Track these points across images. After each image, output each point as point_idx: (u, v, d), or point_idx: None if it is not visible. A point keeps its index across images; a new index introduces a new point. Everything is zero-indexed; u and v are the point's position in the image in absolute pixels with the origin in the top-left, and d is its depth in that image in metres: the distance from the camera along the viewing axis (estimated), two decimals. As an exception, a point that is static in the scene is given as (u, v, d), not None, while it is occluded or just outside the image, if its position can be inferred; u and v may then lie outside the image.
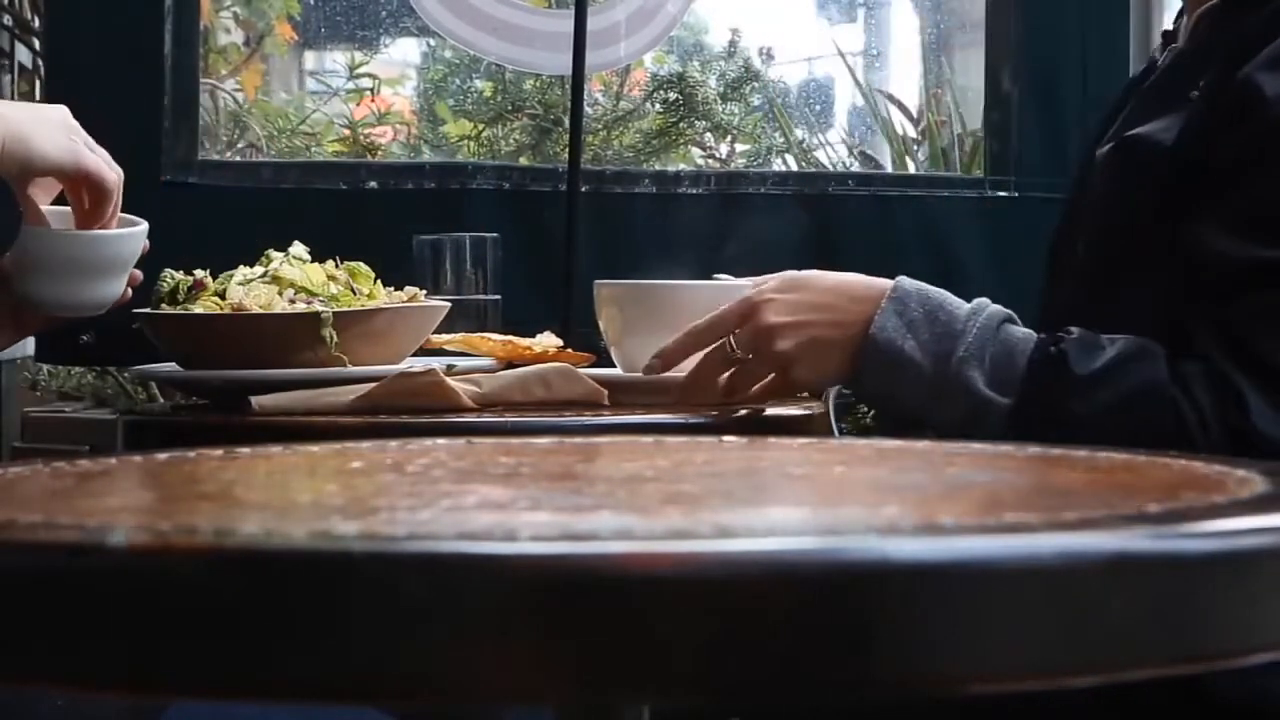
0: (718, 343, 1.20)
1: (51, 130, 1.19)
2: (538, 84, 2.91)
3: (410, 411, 1.24)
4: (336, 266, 1.39)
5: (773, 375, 1.20)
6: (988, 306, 1.12)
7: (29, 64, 3.09)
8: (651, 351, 1.25)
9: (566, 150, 2.24)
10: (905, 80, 3.34)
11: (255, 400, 1.24)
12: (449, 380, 1.25)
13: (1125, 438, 0.99)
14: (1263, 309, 1.04)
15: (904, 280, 1.14)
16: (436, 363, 1.33)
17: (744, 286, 1.27)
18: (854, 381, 1.17)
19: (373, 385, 1.25)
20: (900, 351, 1.10)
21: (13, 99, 3.17)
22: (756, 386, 1.22)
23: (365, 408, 1.24)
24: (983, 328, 1.10)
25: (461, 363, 1.38)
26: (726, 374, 1.21)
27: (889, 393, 1.14)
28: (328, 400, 1.25)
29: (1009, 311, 1.12)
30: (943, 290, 1.15)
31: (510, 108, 2.93)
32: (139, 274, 1.28)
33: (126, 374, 2.67)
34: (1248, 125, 1.05)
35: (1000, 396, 1.07)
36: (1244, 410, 1.02)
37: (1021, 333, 1.11)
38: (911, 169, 2.86)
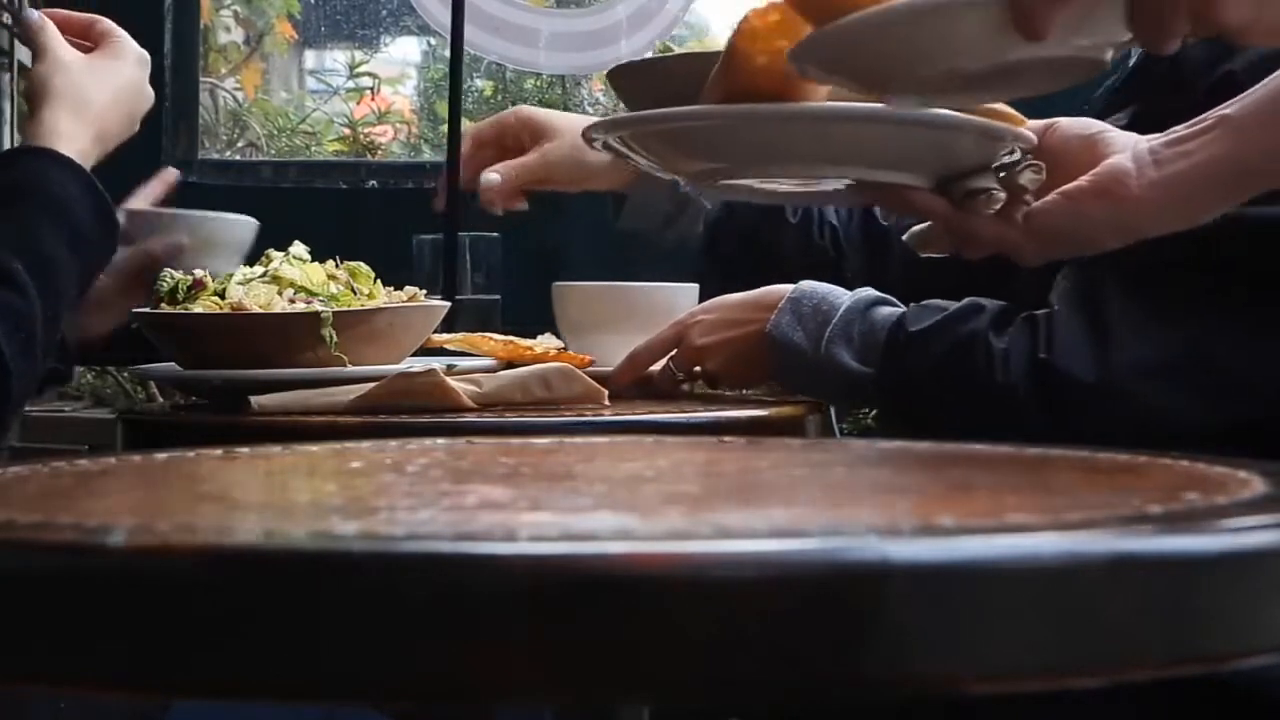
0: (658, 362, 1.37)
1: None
2: (538, 83, 2.91)
3: (410, 411, 1.24)
4: (336, 266, 1.39)
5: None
6: (862, 292, 1.24)
7: (29, 63, 3.08)
8: (605, 349, 1.41)
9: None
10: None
11: (255, 400, 1.24)
12: (449, 380, 1.25)
13: (950, 389, 1.13)
14: (1121, 274, 1.08)
15: (806, 283, 1.27)
16: (437, 363, 1.33)
17: (691, 288, 1.44)
18: (772, 378, 1.31)
19: (373, 385, 1.25)
20: (792, 344, 1.23)
21: (12, 98, 3.16)
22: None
23: (365, 407, 1.24)
24: (849, 309, 1.22)
25: (462, 363, 1.38)
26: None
27: (797, 383, 1.27)
28: (327, 400, 1.25)
29: (883, 295, 1.23)
30: (842, 289, 1.26)
31: (511, 106, 2.93)
32: None
33: (126, 374, 2.67)
34: None
35: (866, 368, 1.19)
36: (1050, 345, 1.09)
37: (890, 310, 1.21)
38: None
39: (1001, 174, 0.98)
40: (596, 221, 2.14)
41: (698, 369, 1.38)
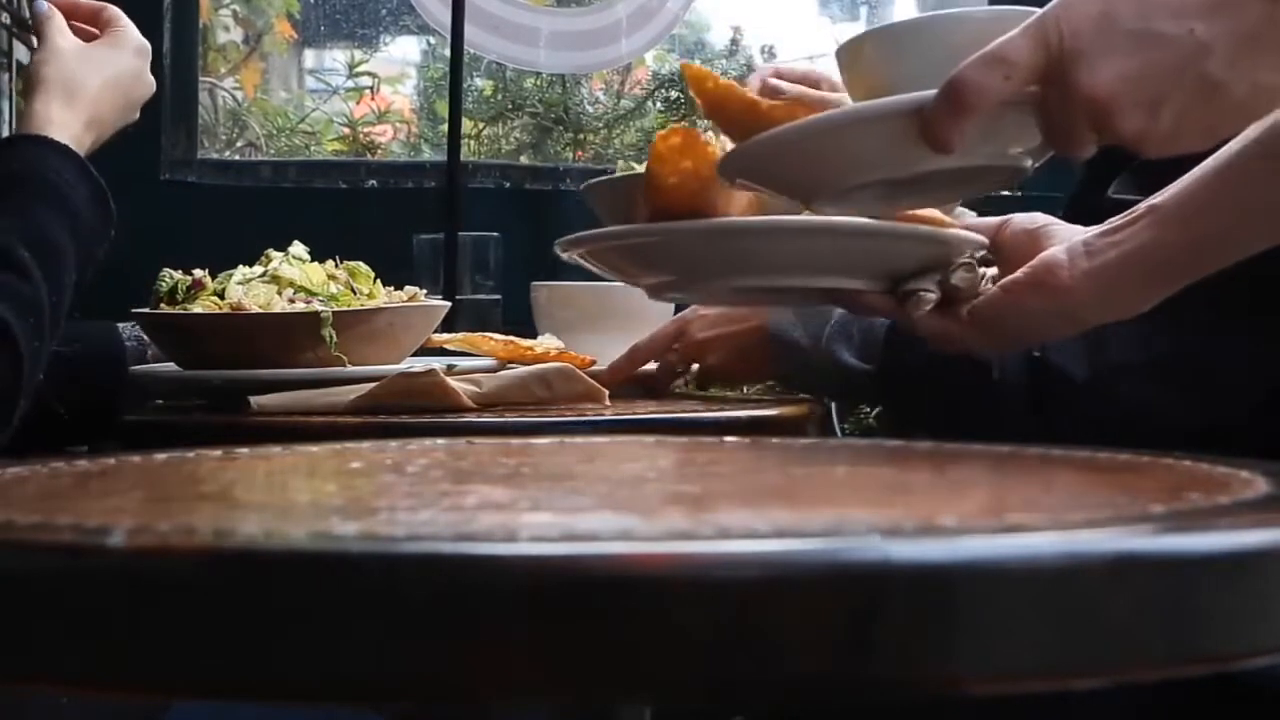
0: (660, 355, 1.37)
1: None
2: (538, 82, 2.91)
3: (410, 411, 1.24)
4: (336, 266, 1.39)
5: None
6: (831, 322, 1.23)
7: (28, 63, 3.08)
8: (583, 348, 1.42)
9: (569, 149, 2.23)
10: (906, 79, 3.33)
11: (254, 400, 1.24)
12: (449, 380, 1.25)
13: (947, 386, 1.13)
14: None
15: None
16: (437, 363, 1.33)
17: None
18: (772, 374, 1.33)
19: (373, 385, 1.25)
20: (792, 340, 1.24)
21: (11, 98, 3.16)
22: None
23: (365, 407, 1.24)
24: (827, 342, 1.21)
25: (462, 363, 1.38)
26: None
27: (796, 380, 1.29)
28: (327, 400, 1.25)
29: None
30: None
31: (511, 106, 2.93)
32: None
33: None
34: None
35: (865, 365, 1.19)
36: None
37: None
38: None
39: (938, 277, 0.97)
40: (596, 222, 2.15)
41: (696, 365, 1.39)
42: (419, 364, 1.32)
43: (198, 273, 1.37)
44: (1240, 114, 0.72)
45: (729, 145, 0.93)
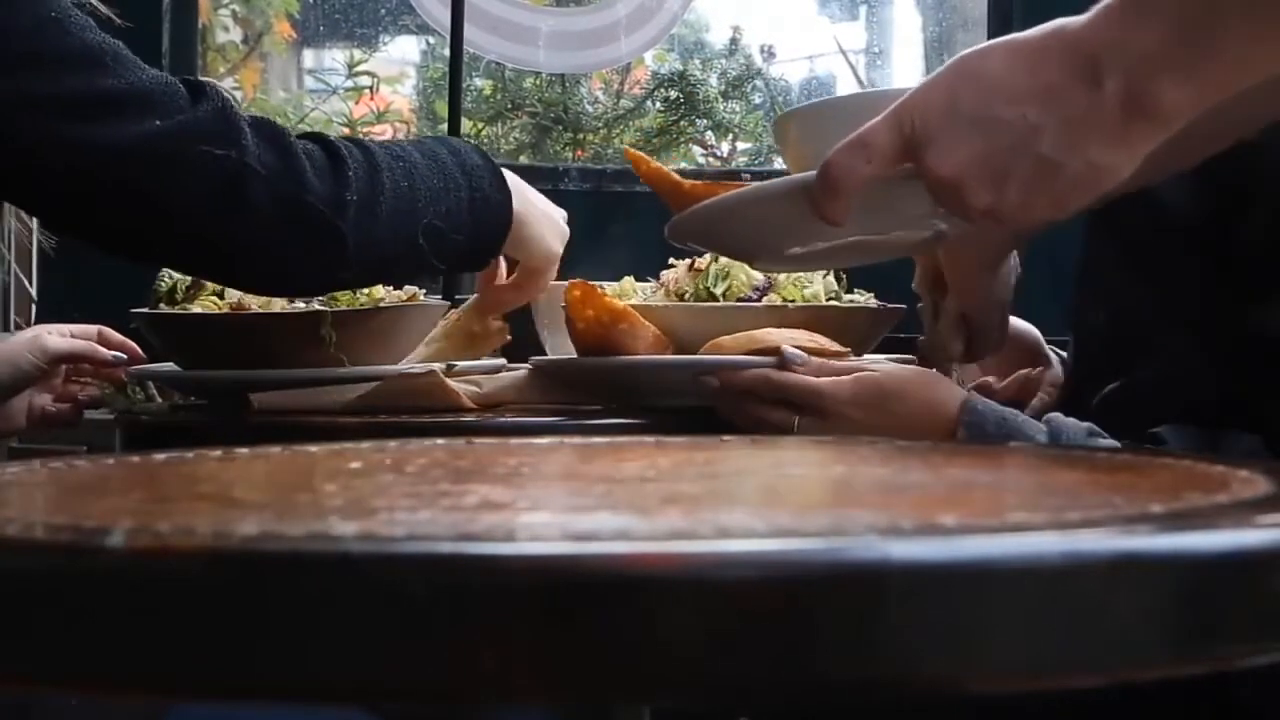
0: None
1: (551, 231, 1.33)
2: (538, 82, 2.91)
3: (410, 411, 1.24)
4: (335, 266, 1.39)
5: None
6: (1065, 424, 1.10)
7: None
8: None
9: (569, 148, 2.23)
10: (907, 78, 3.34)
11: (255, 398, 1.24)
12: (449, 381, 1.25)
13: None
14: None
15: (973, 399, 1.14)
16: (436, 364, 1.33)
17: None
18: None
19: (373, 385, 1.25)
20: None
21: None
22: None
23: (365, 407, 1.24)
24: (1070, 440, 1.06)
25: (462, 363, 1.38)
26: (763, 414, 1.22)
27: None
28: (328, 398, 1.25)
29: (1089, 425, 1.10)
30: (1013, 410, 1.14)
31: (510, 106, 2.93)
32: None
33: (125, 374, 2.67)
34: (1268, 194, 1.05)
35: None
36: None
37: (1109, 446, 1.06)
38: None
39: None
40: (597, 221, 2.15)
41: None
42: (419, 365, 1.32)
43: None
44: (1079, 188, 0.77)
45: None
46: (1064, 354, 1.39)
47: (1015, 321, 1.35)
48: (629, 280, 1.40)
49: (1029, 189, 0.77)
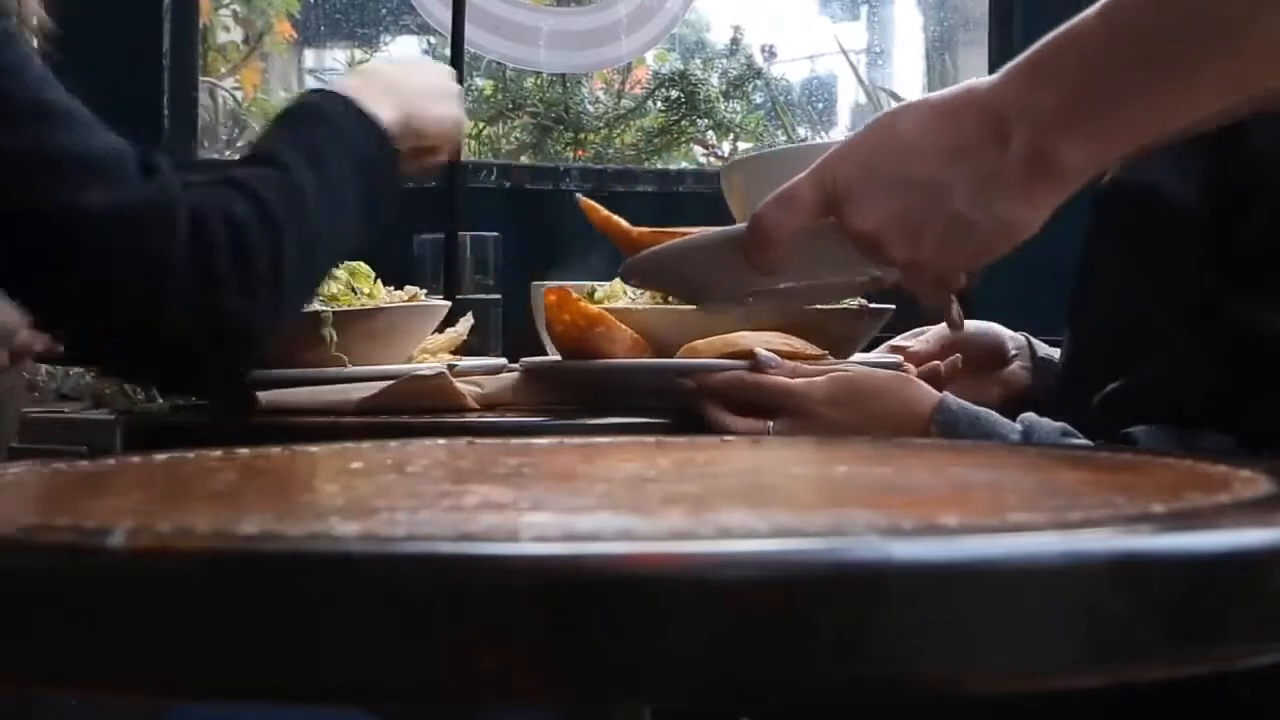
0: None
1: (440, 103, 1.27)
2: (538, 82, 2.91)
3: (411, 411, 1.24)
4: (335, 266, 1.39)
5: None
6: (1039, 424, 1.11)
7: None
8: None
9: (569, 148, 2.23)
10: (908, 78, 3.34)
11: (262, 396, 1.24)
12: (456, 382, 1.26)
13: None
14: None
15: (946, 399, 1.16)
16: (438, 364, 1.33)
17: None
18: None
19: (382, 386, 1.25)
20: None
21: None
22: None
23: (373, 407, 1.24)
24: (1044, 438, 1.08)
25: (463, 363, 1.38)
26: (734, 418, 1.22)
27: None
28: (336, 398, 1.25)
29: (1063, 425, 1.11)
30: (986, 410, 1.15)
31: (511, 106, 2.93)
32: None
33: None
34: (1269, 193, 1.05)
35: None
36: None
37: (1082, 445, 1.08)
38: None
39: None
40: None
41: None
42: (425, 368, 1.32)
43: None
44: (991, 242, 0.80)
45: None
46: (1044, 353, 1.40)
47: (975, 323, 1.38)
48: (618, 281, 1.40)
49: (944, 243, 0.80)
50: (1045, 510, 0.53)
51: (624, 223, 1.22)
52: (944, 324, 1.38)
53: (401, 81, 1.25)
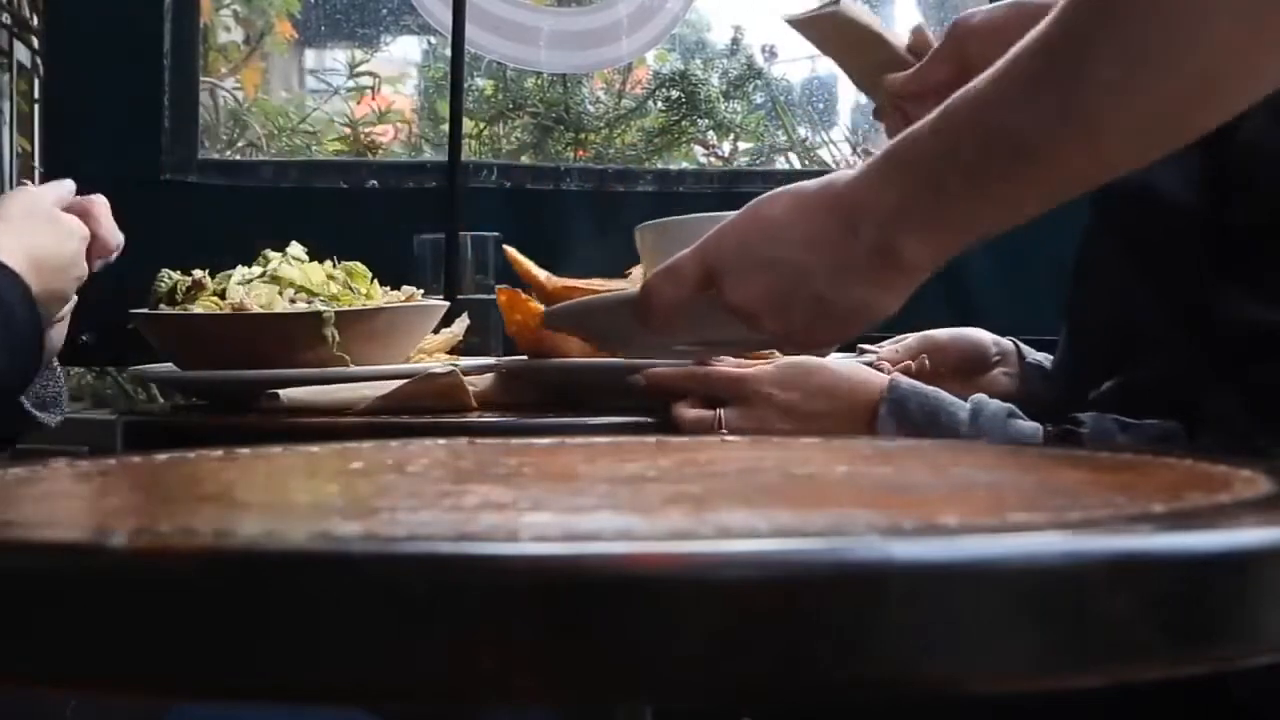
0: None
1: (55, 275, 1.17)
2: (539, 82, 2.91)
3: (412, 411, 1.24)
4: (334, 266, 1.39)
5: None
6: (988, 405, 1.13)
7: (28, 63, 3.09)
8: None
9: (570, 148, 2.23)
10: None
11: (283, 394, 1.24)
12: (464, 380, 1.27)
13: None
14: None
15: (898, 379, 1.18)
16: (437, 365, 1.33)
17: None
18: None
19: (402, 383, 1.25)
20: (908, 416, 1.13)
21: (12, 98, 3.16)
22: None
23: (390, 406, 1.24)
24: (985, 421, 1.11)
25: (463, 362, 1.39)
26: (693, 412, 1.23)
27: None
28: (352, 395, 1.26)
29: (1010, 406, 1.13)
30: (936, 389, 1.16)
31: (511, 106, 2.93)
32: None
33: (125, 375, 2.67)
34: (1263, 188, 1.05)
35: None
36: None
37: (1029, 427, 1.11)
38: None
39: None
40: (598, 221, 2.15)
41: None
42: (437, 367, 1.33)
43: (197, 273, 1.37)
44: (851, 321, 0.88)
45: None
46: (1033, 359, 1.40)
47: (952, 330, 1.39)
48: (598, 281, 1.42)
49: (810, 320, 0.87)
50: (1045, 510, 0.53)
51: (540, 276, 1.33)
52: (921, 332, 1.44)
53: (19, 225, 1.17)
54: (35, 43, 2.96)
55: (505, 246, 1.42)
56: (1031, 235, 1.30)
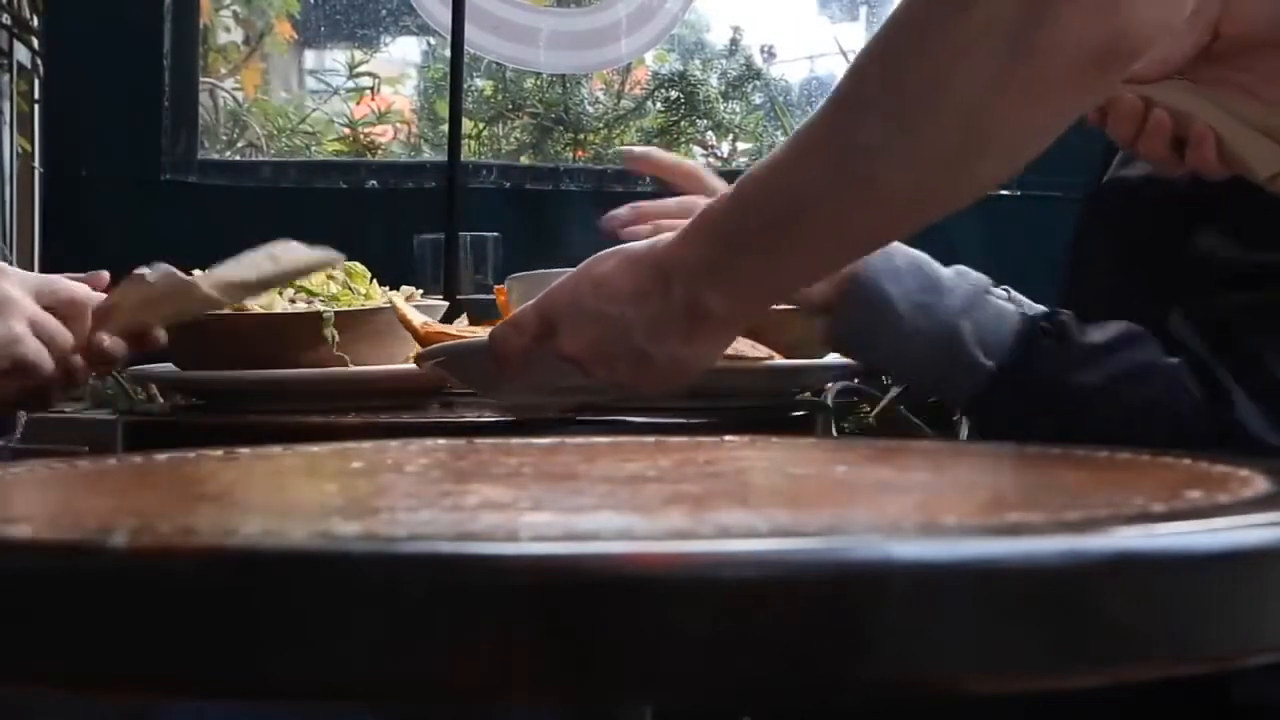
0: None
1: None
2: (538, 82, 2.91)
3: (403, 406, 1.23)
4: (333, 266, 1.39)
5: None
6: (971, 271, 1.12)
7: (28, 63, 3.09)
8: None
9: (569, 149, 2.23)
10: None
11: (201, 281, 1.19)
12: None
13: (1118, 414, 1.04)
14: (1248, 305, 1.04)
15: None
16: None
17: None
18: (835, 317, 1.12)
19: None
20: (883, 292, 1.09)
21: (12, 98, 3.16)
22: None
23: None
24: (972, 289, 1.09)
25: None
26: None
27: (866, 333, 1.11)
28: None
29: (989, 279, 1.12)
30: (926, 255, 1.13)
31: (511, 106, 2.93)
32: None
33: (125, 375, 2.66)
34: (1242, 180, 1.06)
35: (985, 358, 1.06)
36: (1229, 406, 1.02)
37: (1006, 301, 1.10)
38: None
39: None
40: (596, 222, 2.14)
41: None
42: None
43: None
44: (671, 373, 0.91)
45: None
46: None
47: None
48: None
49: (633, 370, 0.92)
50: (1045, 510, 0.53)
51: (415, 320, 1.32)
52: None
53: None
54: (35, 43, 2.96)
55: (390, 296, 1.37)
56: (1025, 233, 1.30)
